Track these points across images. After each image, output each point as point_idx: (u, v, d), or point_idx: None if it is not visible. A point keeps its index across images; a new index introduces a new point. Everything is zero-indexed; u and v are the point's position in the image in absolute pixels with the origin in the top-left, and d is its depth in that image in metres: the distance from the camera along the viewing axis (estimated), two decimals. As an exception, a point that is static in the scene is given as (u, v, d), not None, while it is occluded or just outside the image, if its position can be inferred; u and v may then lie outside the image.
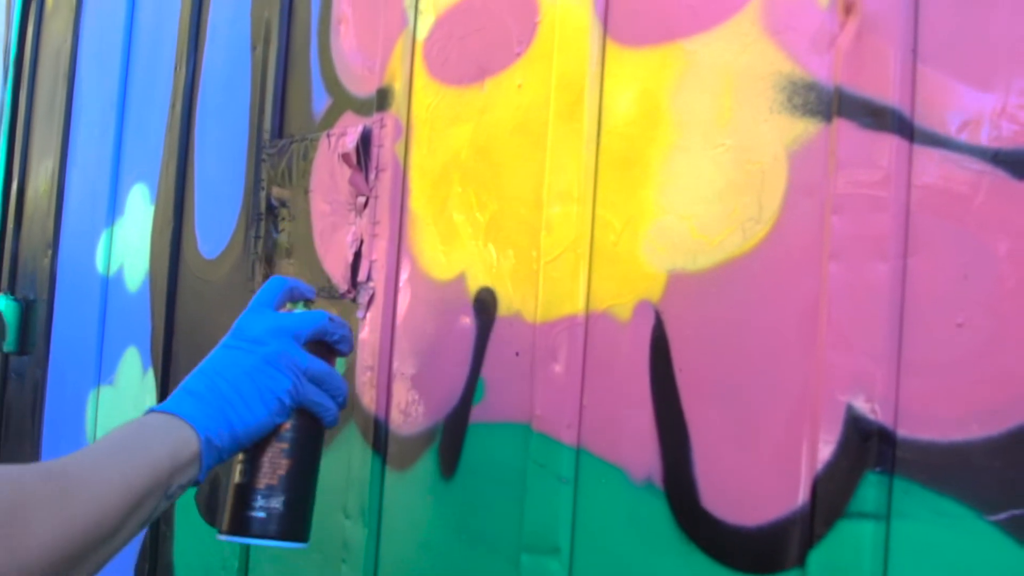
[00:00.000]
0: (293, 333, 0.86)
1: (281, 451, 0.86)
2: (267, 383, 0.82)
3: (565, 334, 0.91)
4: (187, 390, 0.83)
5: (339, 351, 0.92)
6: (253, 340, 0.85)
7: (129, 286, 1.75)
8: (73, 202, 2.05)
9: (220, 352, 0.86)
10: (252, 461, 0.86)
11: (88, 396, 1.85)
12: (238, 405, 0.81)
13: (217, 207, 1.51)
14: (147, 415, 0.81)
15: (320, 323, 0.88)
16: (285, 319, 0.87)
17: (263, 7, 1.44)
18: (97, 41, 2.02)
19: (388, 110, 1.16)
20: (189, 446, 0.77)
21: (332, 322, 0.90)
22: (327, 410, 0.88)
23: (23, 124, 2.33)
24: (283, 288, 0.92)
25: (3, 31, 2.55)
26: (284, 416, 0.85)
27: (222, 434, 0.80)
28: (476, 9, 1.07)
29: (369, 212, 1.17)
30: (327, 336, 0.89)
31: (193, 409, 0.80)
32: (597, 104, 0.92)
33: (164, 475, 0.75)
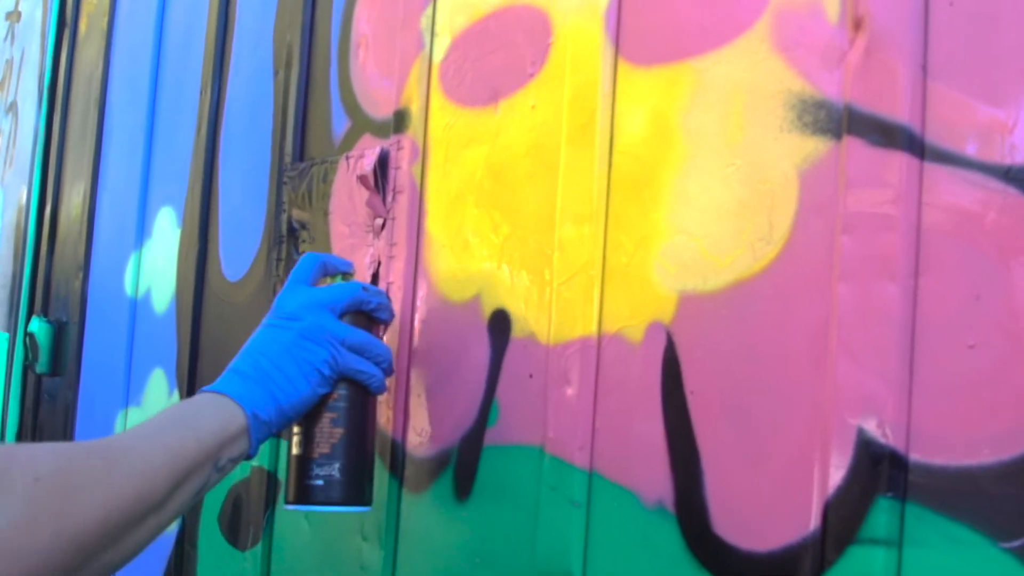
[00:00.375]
0: (328, 305, 0.91)
1: (331, 420, 0.91)
2: (305, 356, 0.87)
3: (577, 356, 0.91)
4: (232, 370, 0.89)
5: (379, 319, 0.96)
6: (289, 316, 0.90)
7: (156, 308, 1.78)
8: (103, 225, 2.09)
9: (261, 331, 0.92)
10: (306, 433, 0.92)
11: (116, 417, 1.88)
12: (280, 380, 0.86)
13: (240, 230, 1.54)
14: (196, 395, 0.86)
15: (354, 293, 0.93)
16: (319, 292, 0.92)
17: (285, 32, 1.47)
18: (127, 66, 2.06)
19: (405, 132, 1.17)
20: (236, 421, 0.83)
21: (367, 291, 0.94)
22: (372, 377, 0.92)
23: (56, 149, 2.39)
24: (317, 263, 0.97)
25: (38, 57, 2.62)
26: (327, 387, 0.90)
27: (268, 408, 0.85)
28: (491, 30, 1.08)
29: (386, 234, 1.18)
30: (363, 305, 0.94)
31: (238, 387, 0.85)
32: (609, 124, 0.92)
33: (212, 448, 0.81)
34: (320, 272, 0.99)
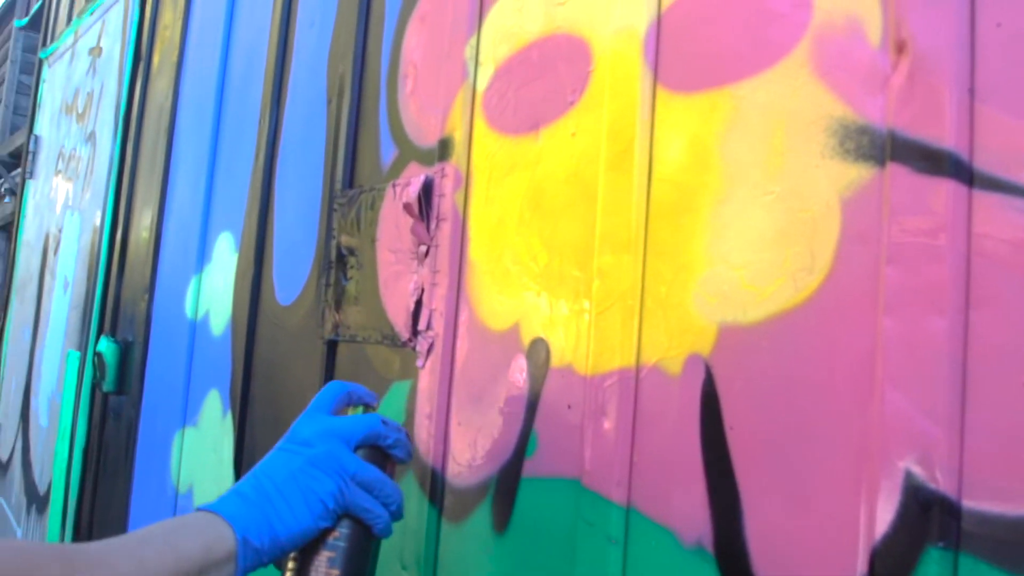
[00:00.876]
0: (343, 436, 0.84)
1: (328, 560, 0.83)
2: (311, 485, 0.81)
3: (615, 388, 0.88)
4: (235, 491, 0.82)
5: (395, 457, 0.89)
6: (302, 442, 0.84)
7: (214, 331, 1.80)
8: (169, 249, 2.13)
9: (272, 454, 0.86)
10: (300, 569, 0.83)
11: (174, 436, 1.90)
12: (280, 507, 0.81)
13: (293, 255, 1.55)
14: (192, 512, 0.81)
15: (372, 427, 0.86)
16: (336, 422, 0.86)
17: (338, 63, 1.47)
18: (194, 97, 2.11)
19: (449, 160, 1.16)
20: (224, 544, 0.77)
21: (385, 425, 0.87)
22: (377, 517, 0.85)
23: (128, 176, 2.46)
24: (341, 392, 0.91)
25: (115, 89, 2.71)
26: (329, 520, 0.83)
27: (262, 535, 0.79)
28: (532, 59, 1.07)
29: (430, 261, 1.17)
30: (379, 440, 0.86)
31: (235, 509, 0.79)
32: (647, 151, 0.90)
33: (191, 569, 0.74)
34: (343, 401, 0.92)
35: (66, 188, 3.15)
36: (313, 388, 1.40)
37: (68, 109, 3.30)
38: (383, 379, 1.26)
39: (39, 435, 3.02)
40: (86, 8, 3.21)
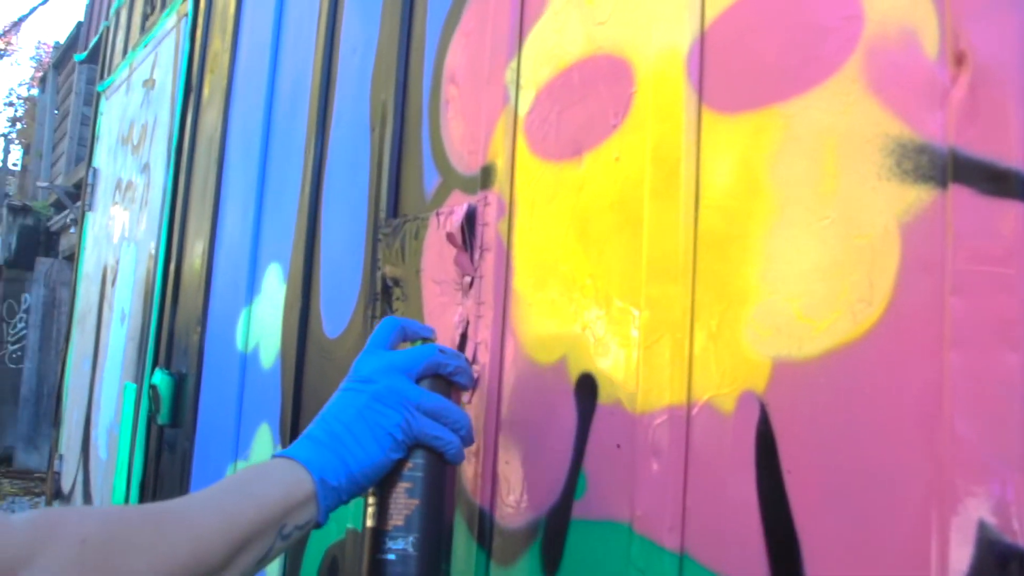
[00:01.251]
0: (403, 369, 0.89)
1: (405, 491, 0.88)
2: (378, 420, 0.86)
3: (666, 427, 0.86)
4: (306, 435, 0.88)
5: (458, 384, 0.94)
6: (364, 379, 0.89)
7: (264, 363, 1.83)
8: (220, 281, 2.17)
9: (337, 396, 0.91)
10: (380, 503, 0.90)
11: (226, 471, 1.92)
12: (352, 445, 0.85)
13: (340, 286, 1.56)
14: (268, 460, 0.85)
15: (430, 356, 0.91)
16: (395, 356, 0.91)
17: (381, 90, 1.48)
18: (243, 127, 2.15)
19: (491, 188, 1.16)
20: (303, 487, 0.82)
21: (444, 354, 0.91)
22: (447, 443, 0.89)
23: (181, 207, 2.51)
24: (396, 327, 0.96)
25: (168, 120, 2.78)
26: (400, 452, 0.87)
27: (338, 475, 0.83)
28: (574, 82, 1.05)
29: (475, 292, 1.16)
30: (440, 369, 0.92)
31: (309, 452, 0.84)
32: (694, 176, 0.87)
33: (275, 514, 0.79)
34: (399, 336, 0.97)
35: (122, 220, 3.24)
36: (361, 423, 1.40)
37: (124, 141, 3.41)
38: (429, 414, 1.25)
39: (99, 467, 3.10)
40: (140, 41, 3.31)
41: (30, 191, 12.49)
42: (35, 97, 13.93)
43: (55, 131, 11.84)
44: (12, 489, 9.45)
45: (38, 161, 12.30)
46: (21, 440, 10.54)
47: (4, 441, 10.81)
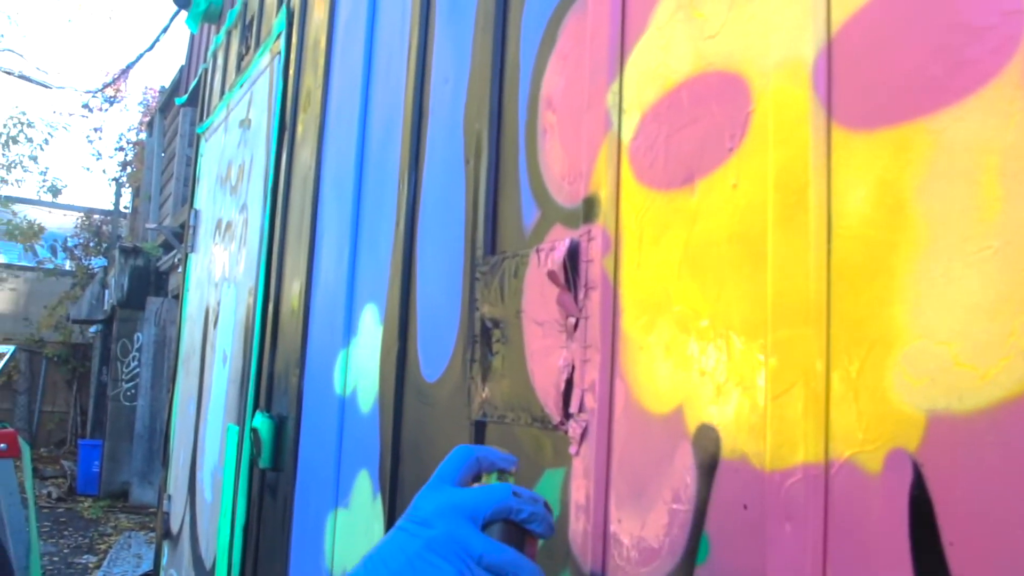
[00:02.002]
0: (468, 512, 0.77)
1: None
2: (429, 572, 0.74)
3: (800, 487, 0.77)
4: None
5: (533, 532, 0.81)
6: (421, 522, 0.78)
7: (362, 407, 1.80)
8: (317, 322, 2.17)
9: (391, 535, 0.80)
10: None
11: (327, 517, 1.90)
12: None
13: (437, 328, 1.52)
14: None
15: (502, 500, 0.78)
16: (459, 496, 0.79)
17: (474, 120, 1.45)
18: (336, 165, 2.16)
19: (595, 221, 1.10)
20: None
21: (518, 497, 0.79)
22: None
23: (278, 247, 2.54)
24: (468, 458, 0.84)
25: (264, 160, 2.83)
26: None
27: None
28: (682, 103, 0.99)
29: (580, 335, 1.10)
30: (512, 515, 0.78)
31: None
32: (824, 202, 0.79)
33: None
34: (472, 468, 0.85)
35: (223, 260, 3.32)
36: (462, 472, 1.35)
37: (223, 181, 3.50)
38: (535, 465, 1.19)
39: (204, 509, 3.15)
40: (236, 81, 3.40)
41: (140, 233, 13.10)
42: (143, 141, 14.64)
43: (162, 173, 12.41)
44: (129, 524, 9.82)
45: (147, 203, 12.90)
46: (136, 475, 10.97)
47: (120, 477, 11.27)
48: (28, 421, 15.06)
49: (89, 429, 13.57)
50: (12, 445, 2.99)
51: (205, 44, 4.39)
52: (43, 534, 8.80)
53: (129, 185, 15.71)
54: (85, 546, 8.75)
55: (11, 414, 14.74)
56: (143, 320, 11.18)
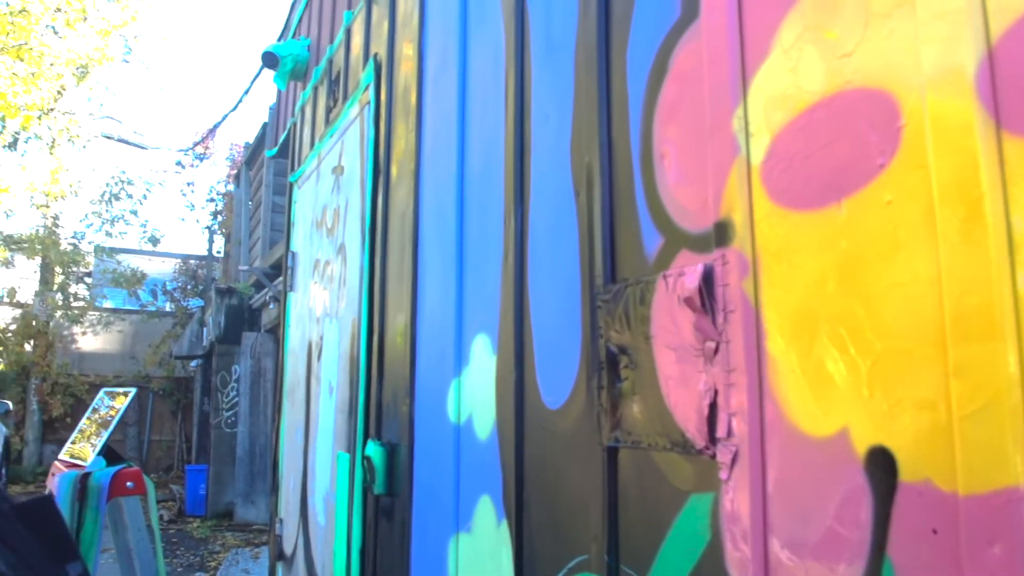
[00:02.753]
0: None
1: None
2: None
3: (1004, 511, 0.69)
4: None
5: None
6: None
7: (479, 434, 1.74)
8: (424, 353, 2.12)
9: None
10: None
11: (448, 542, 1.84)
12: None
13: (556, 356, 1.45)
14: None
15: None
16: None
17: (583, 153, 1.39)
18: (435, 202, 2.12)
19: (729, 245, 1.02)
20: None
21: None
22: None
23: (379, 283, 2.51)
24: None
25: (359, 203, 2.81)
26: None
27: None
28: (819, 122, 0.91)
29: (721, 359, 1.02)
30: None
31: None
32: (1002, 214, 0.71)
33: None
34: None
35: (323, 298, 3.30)
36: (595, 496, 1.28)
37: (318, 224, 3.50)
38: (677, 491, 1.11)
39: (318, 532, 3.12)
40: (325, 132, 3.40)
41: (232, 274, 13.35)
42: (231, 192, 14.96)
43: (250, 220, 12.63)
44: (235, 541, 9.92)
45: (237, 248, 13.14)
46: (239, 496, 11.10)
47: (225, 498, 11.41)
48: (139, 450, 15.37)
49: (194, 455, 13.80)
50: (139, 483, 3.01)
51: (292, 100, 4.43)
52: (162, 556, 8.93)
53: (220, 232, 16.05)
54: (197, 564, 8.85)
55: (123, 445, 15.07)
56: (239, 353, 11.34)
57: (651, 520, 1.16)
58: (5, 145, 12.31)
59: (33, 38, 11.01)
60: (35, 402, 14.12)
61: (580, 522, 1.32)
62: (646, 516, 1.18)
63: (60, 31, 11.68)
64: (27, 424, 14.12)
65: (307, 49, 3.92)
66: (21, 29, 10.91)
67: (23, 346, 14.36)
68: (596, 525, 1.27)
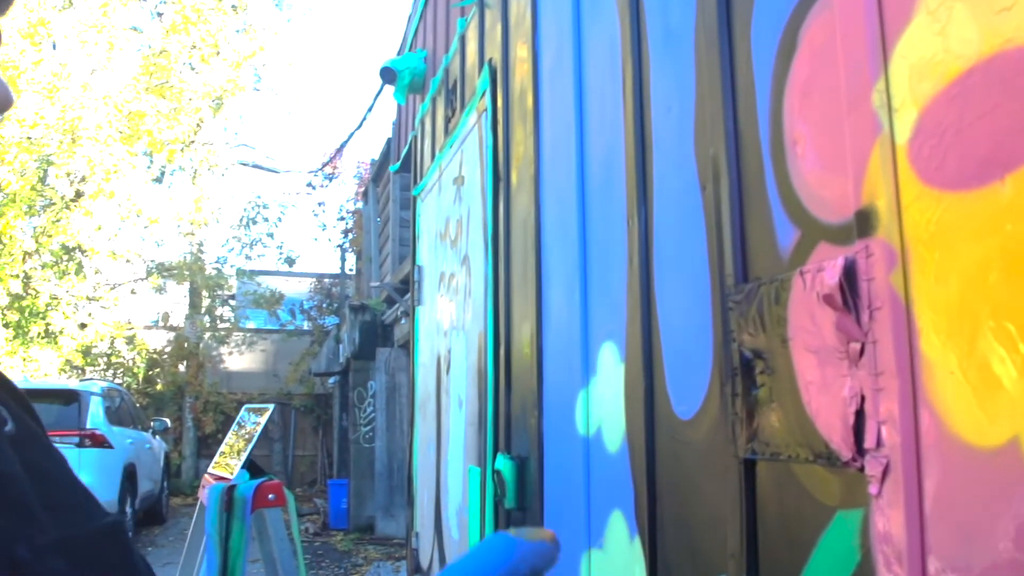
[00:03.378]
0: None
1: None
2: None
3: None
4: None
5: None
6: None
7: (609, 447, 1.69)
8: (551, 363, 2.09)
9: None
10: None
11: (580, 558, 1.80)
12: None
13: (687, 362, 1.39)
14: None
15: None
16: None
17: (707, 145, 1.32)
18: (556, 207, 2.09)
19: (873, 235, 0.94)
20: None
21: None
22: None
23: (504, 292, 2.50)
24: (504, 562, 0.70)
25: (481, 212, 2.82)
26: None
27: None
28: (975, 90, 0.82)
29: (868, 361, 0.94)
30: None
31: None
32: None
33: None
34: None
35: (449, 310, 3.34)
36: (732, 511, 1.21)
37: (442, 237, 3.54)
38: (821, 507, 1.03)
39: (452, 546, 3.14)
40: (445, 143, 3.44)
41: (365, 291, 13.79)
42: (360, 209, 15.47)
43: (379, 236, 13.02)
44: (376, 554, 10.19)
45: (368, 264, 13.57)
46: (379, 510, 11.41)
47: (366, 511, 11.77)
48: (284, 465, 16.08)
49: (336, 470, 14.31)
50: (279, 495, 3.12)
51: (411, 113, 4.52)
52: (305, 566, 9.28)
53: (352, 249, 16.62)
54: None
55: (269, 460, 15.81)
56: (375, 369, 11.69)
57: (793, 538, 1.08)
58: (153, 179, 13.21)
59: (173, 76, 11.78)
60: (190, 419, 15.04)
61: (716, 539, 1.25)
62: (788, 534, 1.10)
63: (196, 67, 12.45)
64: (184, 440, 15.05)
65: (423, 61, 3.99)
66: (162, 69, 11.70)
67: (177, 367, 15.34)
68: (733, 543, 1.19)
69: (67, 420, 8.06)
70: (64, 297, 11.70)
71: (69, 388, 8.84)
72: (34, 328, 11.50)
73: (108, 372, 14.39)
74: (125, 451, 8.93)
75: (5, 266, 10.93)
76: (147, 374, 15.01)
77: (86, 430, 8.05)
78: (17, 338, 11.43)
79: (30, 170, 10.55)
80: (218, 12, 12.59)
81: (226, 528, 2.92)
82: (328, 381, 15.26)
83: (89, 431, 8.07)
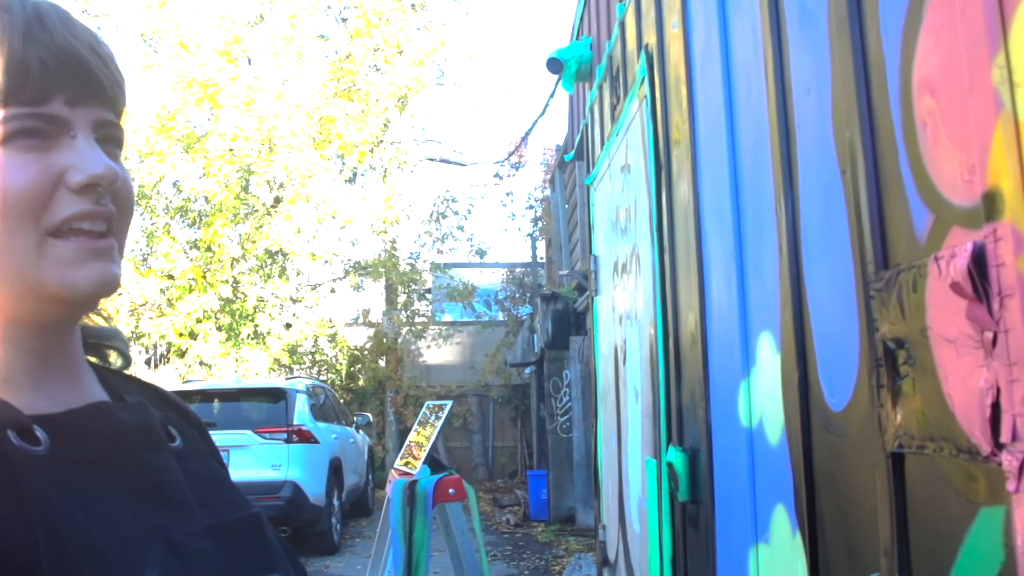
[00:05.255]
0: None
1: None
2: None
3: None
4: None
5: None
6: None
7: (770, 440, 1.71)
8: (715, 353, 2.12)
9: None
10: None
11: (748, 552, 1.82)
12: None
13: (836, 352, 1.39)
14: None
15: None
16: None
17: (844, 127, 1.32)
18: (712, 194, 2.11)
19: (1000, 218, 0.92)
20: None
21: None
22: None
23: (670, 282, 2.54)
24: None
25: (646, 201, 2.86)
26: None
27: None
28: (1095, 61, 0.80)
29: (1000, 351, 0.92)
30: None
31: None
32: None
33: None
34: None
35: (623, 300, 3.40)
36: (883, 506, 1.21)
37: (615, 226, 3.60)
38: (966, 503, 1.02)
39: (635, 539, 3.21)
40: (611, 130, 3.50)
41: (556, 279, 14.04)
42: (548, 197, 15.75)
43: (568, 223, 13.21)
44: (577, 546, 10.41)
45: (558, 252, 13.80)
46: (579, 501, 11.63)
47: (567, 503, 12.03)
48: (484, 457, 16.71)
49: (535, 460, 14.70)
50: (459, 490, 3.32)
51: (581, 101, 4.61)
52: (505, 557, 9.63)
53: (542, 237, 16.97)
54: (542, 568, 9.42)
55: (469, 451, 16.49)
56: (569, 358, 11.90)
57: (942, 535, 1.07)
58: (346, 180, 14.12)
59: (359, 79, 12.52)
60: (391, 413, 15.95)
61: (871, 535, 1.25)
62: (937, 531, 1.09)
63: (380, 67, 13.16)
64: (386, 434, 15.99)
65: (589, 48, 4.05)
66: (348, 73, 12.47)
67: (377, 362, 16.31)
68: (886, 539, 1.19)
69: (275, 417, 8.82)
70: (270, 299, 12.79)
71: (276, 386, 9.64)
72: (244, 330, 12.65)
73: (313, 369, 15.53)
74: (330, 446, 9.61)
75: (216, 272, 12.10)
76: (349, 370, 16.05)
77: (293, 426, 8.77)
78: (229, 340, 12.62)
79: (233, 180, 11.60)
80: (398, 12, 13.24)
81: (410, 522, 3.15)
82: (524, 371, 15.68)
83: (296, 427, 8.79)
